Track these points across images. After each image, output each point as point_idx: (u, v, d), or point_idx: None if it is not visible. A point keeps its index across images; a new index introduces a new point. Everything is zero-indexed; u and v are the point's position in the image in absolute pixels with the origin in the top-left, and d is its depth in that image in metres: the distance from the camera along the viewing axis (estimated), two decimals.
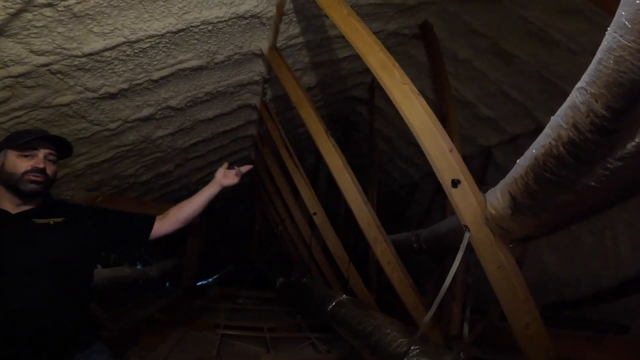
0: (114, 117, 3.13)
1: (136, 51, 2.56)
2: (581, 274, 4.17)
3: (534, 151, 1.23)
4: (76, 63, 2.38)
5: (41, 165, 1.36)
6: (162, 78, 2.97)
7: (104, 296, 4.28)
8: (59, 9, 1.99)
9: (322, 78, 4.70)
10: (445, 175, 1.79)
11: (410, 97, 1.93)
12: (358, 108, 6.69)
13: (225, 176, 1.65)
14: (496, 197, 1.56)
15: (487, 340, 3.10)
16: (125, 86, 2.82)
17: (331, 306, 3.24)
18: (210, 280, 9.47)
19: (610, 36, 0.86)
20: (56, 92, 2.54)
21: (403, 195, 7.87)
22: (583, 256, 4.12)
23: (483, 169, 5.02)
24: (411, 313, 2.65)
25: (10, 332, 1.27)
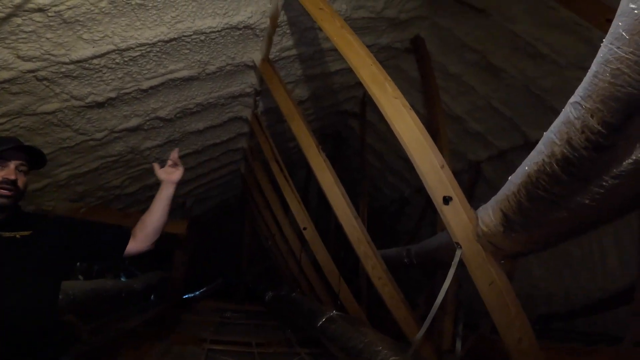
0: (101, 127, 3.06)
1: (126, 59, 2.52)
2: (570, 287, 4.20)
3: (527, 168, 1.21)
4: (63, 70, 2.33)
5: (12, 176, 1.30)
6: (152, 88, 2.93)
7: (85, 308, 4.12)
8: (49, 14, 1.96)
9: (314, 91, 4.71)
10: (436, 192, 1.79)
11: (401, 111, 1.93)
12: (349, 122, 6.71)
13: (168, 173, 1.57)
14: (488, 214, 1.54)
15: (479, 354, 3.07)
16: (113, 95, 2.77)
17: (321, 322, 3.17)
18: (197, 293, 9.30)
19: (606, 48, 0.82)
20: (41, 100, 2.48)
21: (394, 209, 7.86)
22: (572, 269, 4.16)
23: (472, 184, 5.05)
24: (402, 328, 2.61)
25: None
